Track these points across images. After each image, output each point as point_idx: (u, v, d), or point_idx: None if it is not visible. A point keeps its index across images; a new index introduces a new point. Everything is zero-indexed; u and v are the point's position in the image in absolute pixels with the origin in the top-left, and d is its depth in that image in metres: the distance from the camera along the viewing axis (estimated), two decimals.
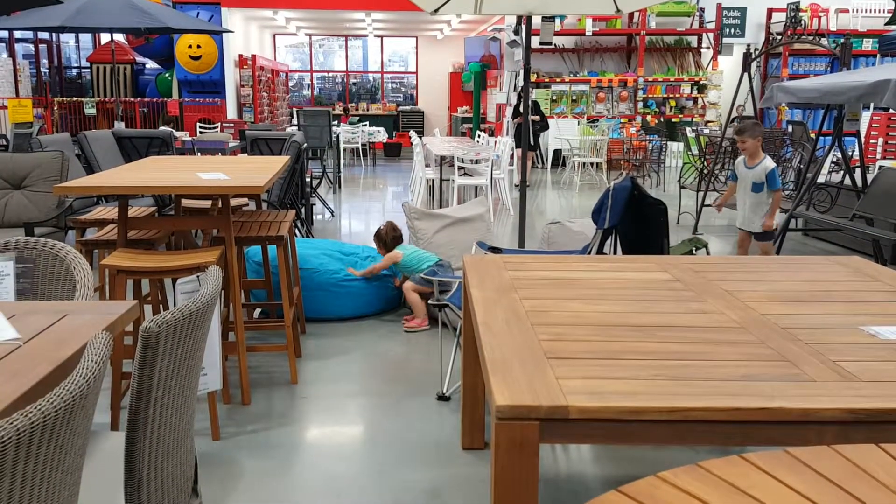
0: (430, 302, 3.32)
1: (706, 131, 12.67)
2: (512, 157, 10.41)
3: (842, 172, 6.62)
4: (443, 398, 3.42)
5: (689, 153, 11.80)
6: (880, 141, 8.93)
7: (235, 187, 3.15)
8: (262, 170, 3.69)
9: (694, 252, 3.90)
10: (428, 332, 4.40)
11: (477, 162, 9.15)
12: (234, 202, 4.42)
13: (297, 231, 6.30)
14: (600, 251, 3.14)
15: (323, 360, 3.94)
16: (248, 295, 4.61)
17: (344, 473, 2.79)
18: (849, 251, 6.85)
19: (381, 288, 4.81)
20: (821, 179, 6.87)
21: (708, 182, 7.96)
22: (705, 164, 10.58)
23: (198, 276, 1.91)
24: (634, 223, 3.19)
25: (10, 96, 14.63)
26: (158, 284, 3.86)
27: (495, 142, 10.31)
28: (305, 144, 6.11)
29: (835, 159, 7.62)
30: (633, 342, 1.87)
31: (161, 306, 3.93)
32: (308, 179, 7.56)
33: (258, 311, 4.63)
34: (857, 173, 6.67)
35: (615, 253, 3.41)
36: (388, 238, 4.84)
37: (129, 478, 1.50)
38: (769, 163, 5.23)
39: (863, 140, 6.73)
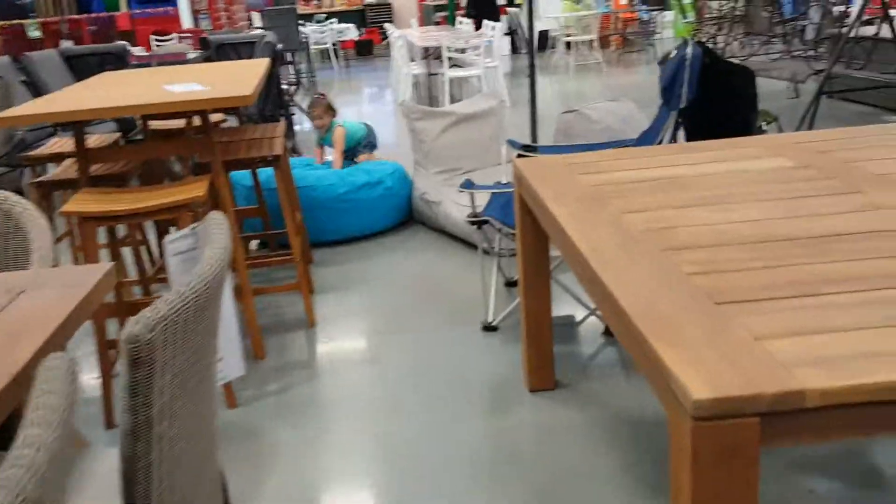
0: (466, 218, 2.78)
1: None
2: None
3: (875, 24, 5.97)
4: (489, 328, 2.93)
5: (685, 21, 11.02)
6: None
7: (219, 99, 2.52)
8: (243, 75, 3.03)
9: (764, 128, 3.36)
10: (453, 249, 3.88)
11: (463, 51, 8.38)
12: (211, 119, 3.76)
13: None
14: (673, 139, 2.59)
15: (339, 293, 3.42)
16: (240, 225, 4.02)
17: (392, 432, 2.31)
18: (884, 110, 6.31)
19: (388, 199, 4.24)
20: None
21: None
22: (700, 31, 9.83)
23: (194, 229, 1.35)
24: (709, 99, 2.62)
25: None
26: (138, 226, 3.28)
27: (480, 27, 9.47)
28: (280, 45, 5.37)
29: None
30: (816, 264, 1.34)
31: (145, 250, 3.35)
32: (285, 86, 6.82)
33: (255, 242, 4.07)
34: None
35: (674, 140, 2.84)
36: (332, 104, 4.74)
37: None
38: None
39: None
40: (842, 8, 7.89)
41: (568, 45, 11.14)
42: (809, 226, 1.53)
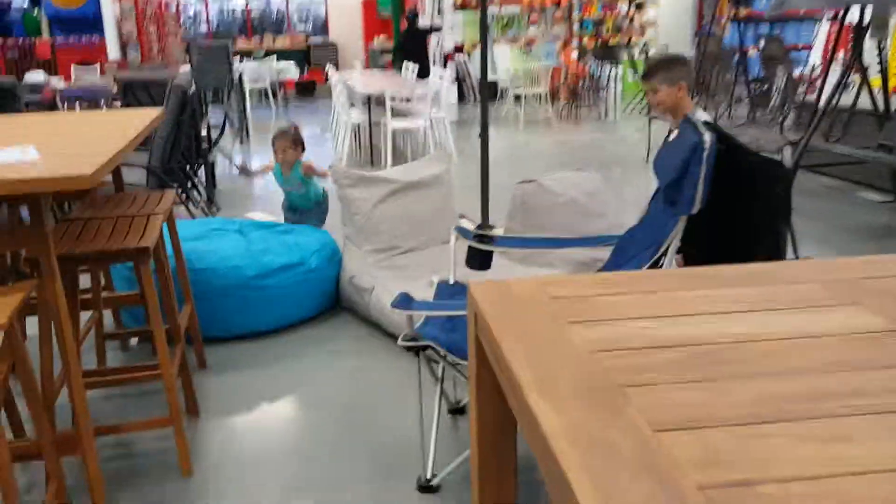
0: (400, 342, 2.05)
1: (653, 51, 11.56)
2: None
3: (853, 94, 5.58)
4: (427, 488, 2.18)
5: (636, 77, 10.69)
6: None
7: (44, 180, 1.75)
8: (108, 137, 2.27)
9: None
10: (386, 350, 3.14)
11: (409, 100, 7.76)
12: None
13: (189, 208, 4.86)
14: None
15: (232, 420, 2.62)
16: (118, 316, 3.20)
17: None
18: (856, 185, 5.89)
19: (310, 283, 3.48)
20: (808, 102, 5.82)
21: None
22: None
23: None
24: (718, 201, 1.98)
25: None
26: None
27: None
28: (193, 88, 4.61)
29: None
30: None
31: None
32: (205, 133, 6.03)
33: (135, 340, 3.24)
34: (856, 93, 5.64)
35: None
36: (300, 138, 4.13)
37: None
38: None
39: (887, 51, 5.68)
40: (802, 70, 7.59)
41: (517, 97, 10.67)
42: None
